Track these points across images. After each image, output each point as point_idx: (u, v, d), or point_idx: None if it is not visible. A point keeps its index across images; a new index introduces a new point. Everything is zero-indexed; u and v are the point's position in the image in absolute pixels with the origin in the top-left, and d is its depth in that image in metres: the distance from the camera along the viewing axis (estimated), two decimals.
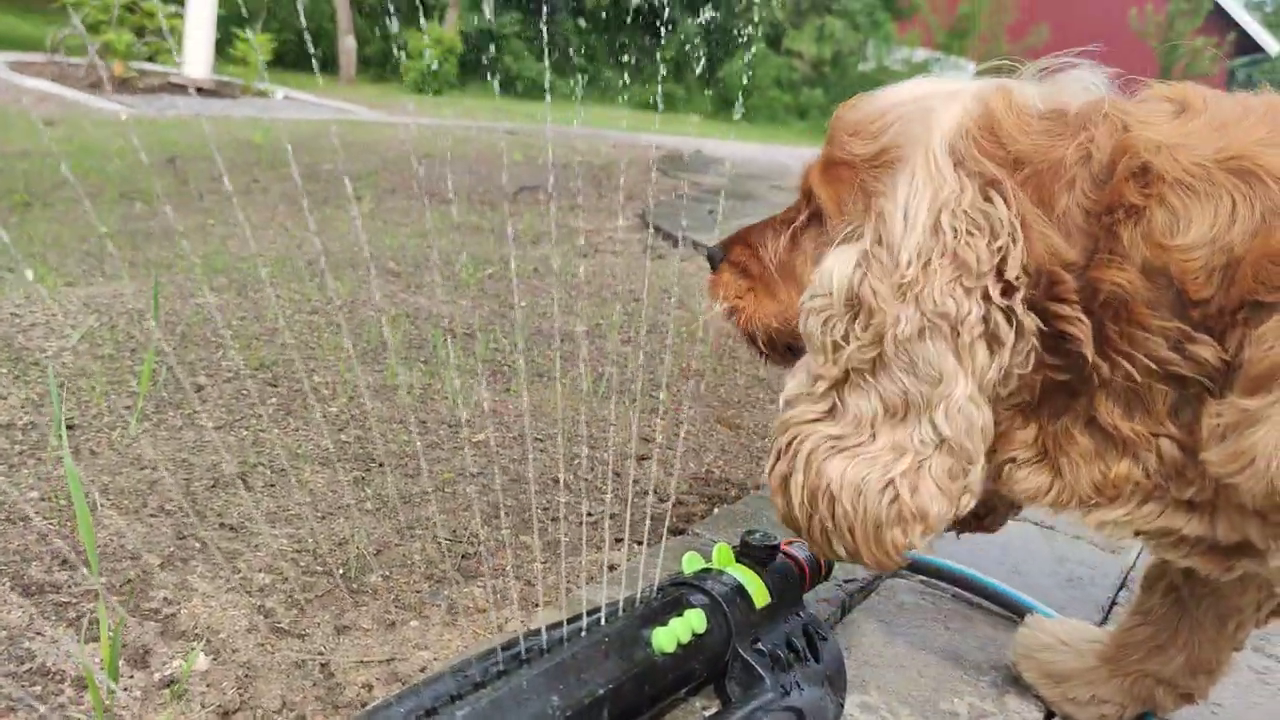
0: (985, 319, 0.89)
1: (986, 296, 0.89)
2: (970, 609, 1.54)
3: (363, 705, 1.19)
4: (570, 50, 15.08)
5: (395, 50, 14.10)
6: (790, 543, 1.29)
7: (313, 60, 13.12)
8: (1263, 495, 0.85)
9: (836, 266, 0.96)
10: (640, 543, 1.68)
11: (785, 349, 1.17)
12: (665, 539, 1.66)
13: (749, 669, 1.11)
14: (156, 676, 1.20)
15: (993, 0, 20.17)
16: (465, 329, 2.76)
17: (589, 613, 1.03)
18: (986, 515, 1.22)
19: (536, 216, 4.68)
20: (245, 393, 2.12)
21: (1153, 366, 0.88)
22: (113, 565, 1.42)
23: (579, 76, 15.27)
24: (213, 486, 1.70)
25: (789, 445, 1.00)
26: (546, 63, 12.52)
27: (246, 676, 1.22)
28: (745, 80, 15.34)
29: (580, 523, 1.74)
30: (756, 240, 1.15)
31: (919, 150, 0.94)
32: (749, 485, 2.01)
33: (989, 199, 0.90)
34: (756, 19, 15.44)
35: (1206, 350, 0.86)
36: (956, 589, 1.58)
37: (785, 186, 6.43)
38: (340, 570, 1.49)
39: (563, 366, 2.55)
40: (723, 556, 1.23)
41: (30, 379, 2.04)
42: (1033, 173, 0.92)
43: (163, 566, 1.43)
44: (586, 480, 1.92)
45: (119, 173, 4.65)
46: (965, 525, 1.20)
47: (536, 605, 1.45)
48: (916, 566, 1.60)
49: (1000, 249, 0.89)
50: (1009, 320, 0.90)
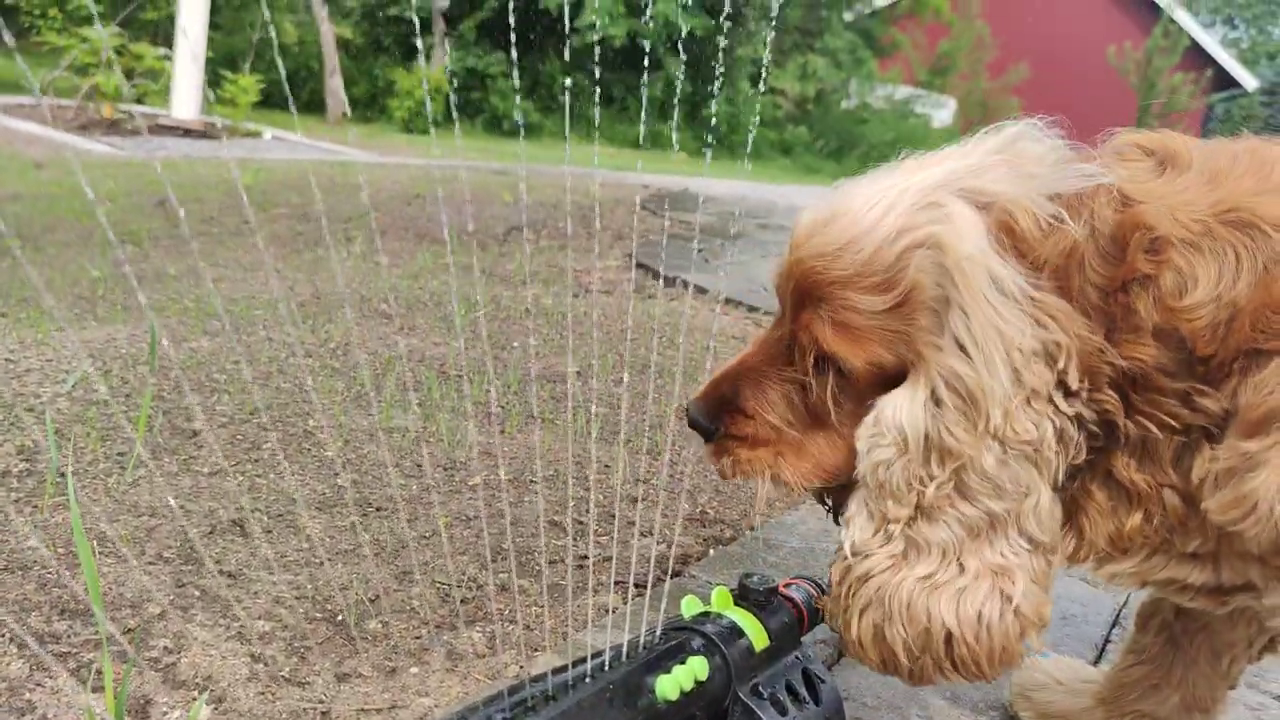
0: (1058, 431, 0.92)
1: (1056, 410, 0.91)
2: None
3: None
4: (556, 90, 15.20)
5: (380, 91, 14.20)
6: (788, 585, 1.30)
7: (302, 100, 13.20)
8: (1268, 541, 0.86)
9: (904, 416, 0.95)
10: (637, 585, 1.69)
11: (820, 492, 1.16)
12: (663, 582, 1.67)
13: (749, 713, 1.12)
14: None
15: (973, 38, 20.44)
16: (458, 370, 2.77)
17: (593, 656, 1.04)
18: None
19: (526, 256, 4.71)
20: (241, 437, 2.12)
21: (1169, 422, 0.91)
22: (112, 614, 1.42)
23: (566, 116, 15.39)
24: (210, 533, 1.70)
25: (877, 596, 0.99)
26: (524, 102, 12.60)
27: None
28: (729, 118, 15.49)
29: (577, 566, 1.75)
30: (759, 407, 1.08)
31: (961, 288, 0.91)
32: (744, 526, 2.03)
33: (1042, 324, 0.90)
34: (739, 58, 15.61)
35: (1211, 402, 0.88)
36: None
37: (771, 224, 6.48)
38: (339, 617, 1.50)
39: (556, 407, 2.57)
40: (721, 600, 1.24)
41: (25, 426, 2.05)
42: (1053, 269, 0.92)
43: (162, 615, 1.44)
44: (582, 523, 1.93)
45: (109, 215, 4.66)
46: None
47: (535, 650, 1.46)
48: None
49: (1062, 369, 0.90)
50: (1074, 422, 0.92)
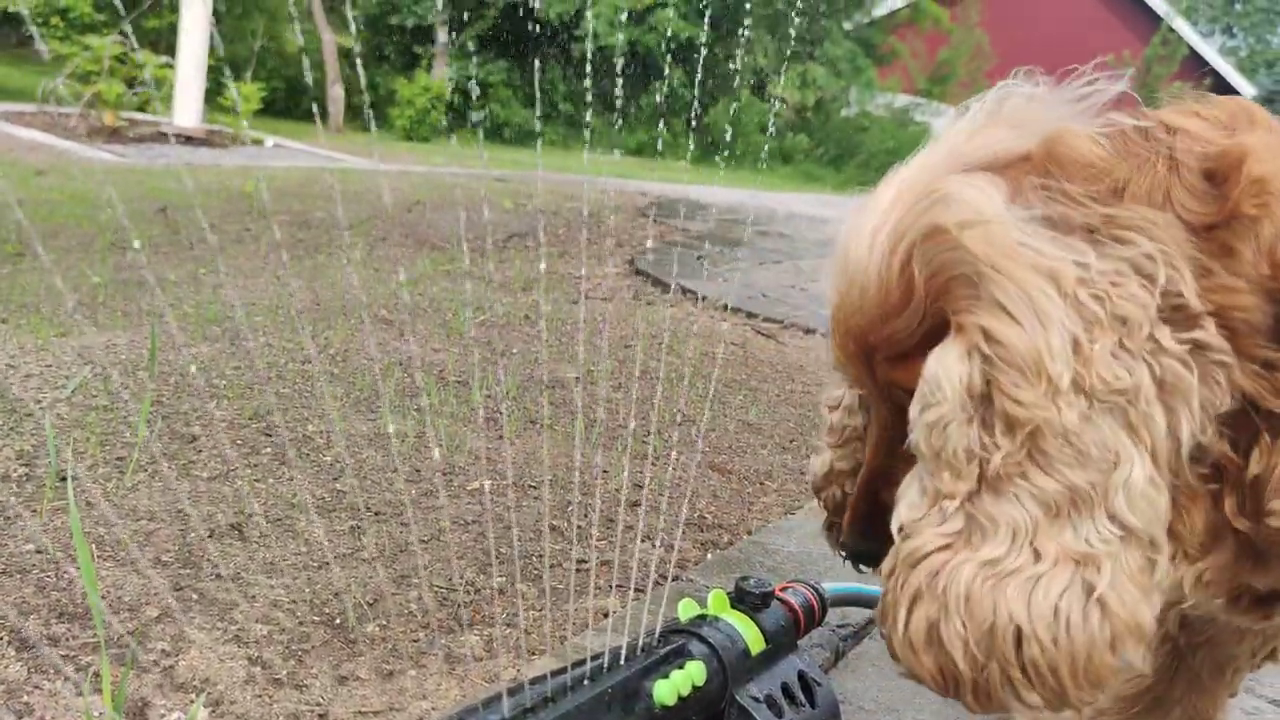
0: (1161, 379, 0.74)
1: (1158, 348, 0.74)
2: None
3: None
4: (556, 97, 15.24)
5: (376, 100, 14.25)
6: (784, 588, 1.30)
7: (313, 107, 13.25)
8: None
9: (943, 369, 0.79)
10: (635, 589, 1.69)
11: None
12: (660, 585, 1.67)
13: (745, 716, 1.12)
14: None
15: (972, 47, 20.49)
16: (458, 376, 2.77)
17: (592, 658, 1.04)
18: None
19: (526, 263, 4.72)
20: (240, 443, 2.13)
21: (1245, 393, 0.77)
22: (110, 617, 1.42)
23: (565, 123, 15.44)
24: (208, 537, 1.71)
25: (929, 583, 0.79)
26: (525, 110, 12.64)
27: None
28: (730, 126, 15.52)
29: (575, 569, 1.75)
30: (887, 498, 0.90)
31: (974, 250, 0.78)
32: (741, 530, 2.03)
33: (1117, 239, 0.76)
34: (740, 66, 15.65)
35: None
36: None
37: (771, 232, 6.50)
38: (337, 620, 1.50)
39: (554, 413, 2.57)
40: (718, 603, 1.24)
41: (24, 430, 2.05)
42: (1132, 194, 0.80)
43: (160, 619, 1.44)
44: (580, 527, 1.93)
45: (110, 222, 4.67)
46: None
47: (533, 654, 1.46)
48: None
49: (1166, 287, 0.75)
50: (1185, 364, 0.75)
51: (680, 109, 14.73)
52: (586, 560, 1.79)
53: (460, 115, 14.48)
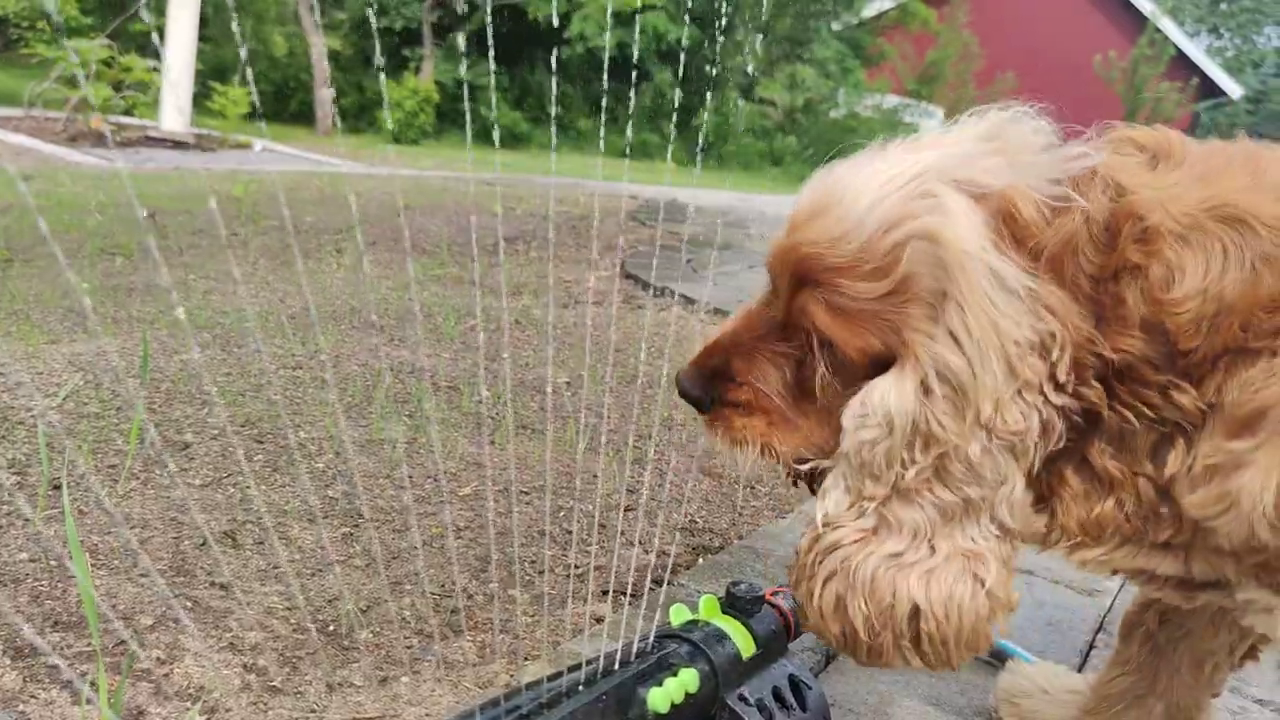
0: (1044, 422, 0.92)
1: (1045, 402, 0.92)
2: None
3: None
4: (545, 100, 15.24)
5: (371, 101, 14.22)
6: (775, 593, 1.32)
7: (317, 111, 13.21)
8: (1240, 538, 0.88)
9: (892, 400, 0.95)
10: (626, 594, 1.70)
11: (807, 474, 1.14)
12: (651, 590, 1.68)
13: (737, 719, 1.14)
14: None
15: (960, 48, 20.57)
16: (449, 381, 2.78)
17: (586, 663, 1.05)
18: None
19: (516, 267, 4.73)
20: (232, 449, 2.13)
21: (1147, 414, 0.91)
22: (104, 625, 1.43)
23: (554, 126, 15.44)
24: (202, 545, 1.71)
25: (842, 567, 0.99)
26: (512, 113, 12.63)
27: None
28: (718, 128, 15.56)
29: (567, 575, 1.76)
30: (753, 376, 1.08)
31: (960, 283, 0.91)
32: (732, 535, 2.04)
33: (1039, 316, 0.91)
34: (729, 68, 15.68)
35: (1187, 399, 0.88)
36: None
37: (762, 235, 6.51)
38: (331, 627, 1.51)
39: (546, 418, 2.58)
40: (709, 608, 1.26)
41: (16, 439, 2.05)
42: (1049, 255, 0.92)
43: (154, 627, 1.45)
44: (571, 532, 1.94)
45: (99, 227, 4.67)
46: None
47: (526, 659, 1.47)
48: None
49: (1054, 360, 0.91)
50: (1059, 413, 0.92)
51: (669, 111, 14.74)
52: (579, 566, 1.80)
53: (447, 118, 14.48)
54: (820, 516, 1.02)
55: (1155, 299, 0.88)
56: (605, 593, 1.72)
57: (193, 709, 1.26)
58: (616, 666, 1.08)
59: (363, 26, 15.46)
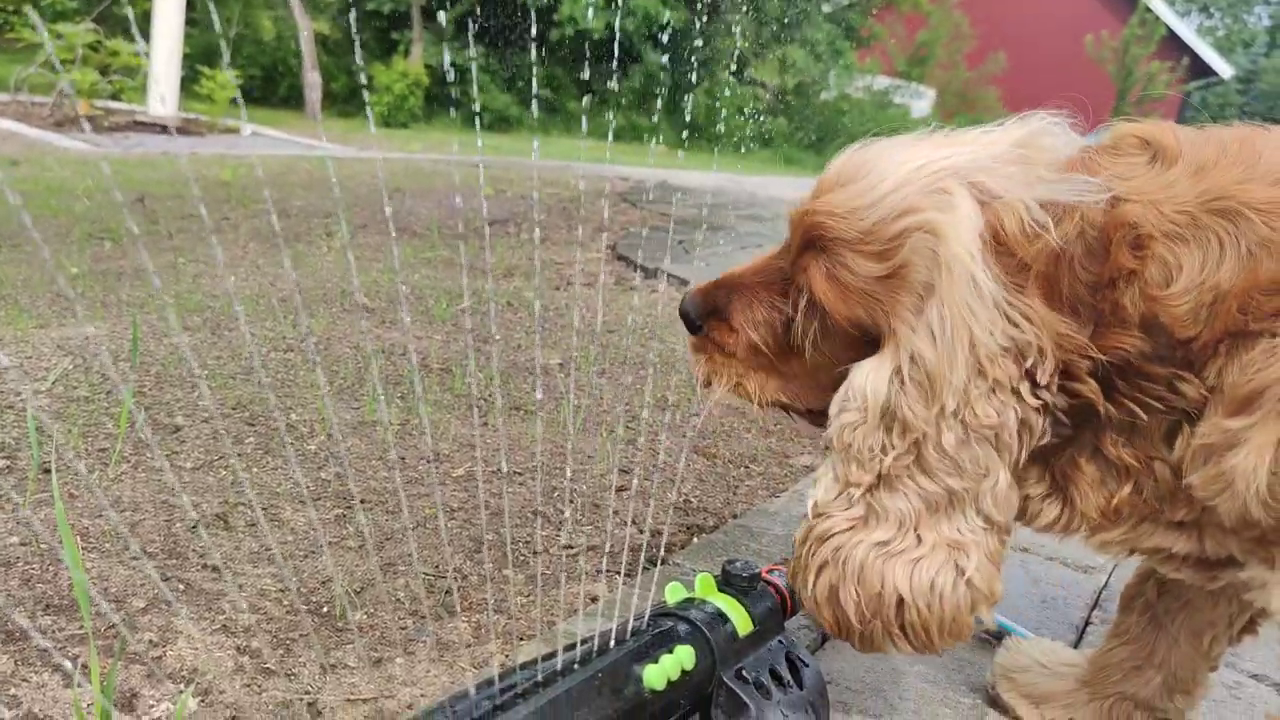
0: (1020, 419, 0.95)
1: (1020, 401, 0.95)
2: None
3: None
4: (535, 82, 15.17)
5: (362, 84, 14.13)
6: (771, 570, 1.31)
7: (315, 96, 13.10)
8: (1236, 516, 0.89)
9: (869, 384, 0.99)
10: (621, 574, 1.70)
11: (781, 407, 1.19)
12: (646, 570, 1.68)
13: (734, 697, 1.13)
14: None
15: (951, 28, 20.51)
16: (441, 363, 2.77)
17: (582, 641, 1.05)
18: None
19: (507, 249, 4.71)
20: (223, 432, 2.12)
21: (1155, 405, 0.93)
22: (96, 608, 1.42)
23: (544, 108, 15.36)
24: (194, 528, 1.70)
25: (834, 556, 1.02)
26: (502, 96, 12.55)
27: (234, 717, 1.22)
28: (709, 110, 15.49)
29: (561, 555, 1.76)
30: (744, 322, 1.14)
31: (946, 282, 0.95)
32: (726, 514, 2.04)
33: (1015, 324, 0.94)
34: (720, 50, 15.60)
35: (1190, 388, 0.91)
36: None
37: (753, 216, 6.50)
38: (325, 608, 1.50)
39: (539, 399, 2.57)
40: (705, 586, 1.25)
41: (4, 423, 2.04)
42: (1039, 270, 0.95)
43: (146, 610, 1.44)
44: (566, 512, 1.93)
45: (87, 212, 4.63)
46: None
47: (521, 639, 1.47)
48: None
49: (1031, 365, 0.94)
50: (1039, 411, 0.96)
51: (659, 93, 14.68)
52: (573, 546, 1.79)
53: (435, 101, 14.39)
54: (811, 505, 1.06)
55: (1151, 297, 0.91)
56: (600, 572, 1.71)
57: (186, 691, 1.25)
58: (612, 645, 1.07)
59: (354, 6, 15.35)
